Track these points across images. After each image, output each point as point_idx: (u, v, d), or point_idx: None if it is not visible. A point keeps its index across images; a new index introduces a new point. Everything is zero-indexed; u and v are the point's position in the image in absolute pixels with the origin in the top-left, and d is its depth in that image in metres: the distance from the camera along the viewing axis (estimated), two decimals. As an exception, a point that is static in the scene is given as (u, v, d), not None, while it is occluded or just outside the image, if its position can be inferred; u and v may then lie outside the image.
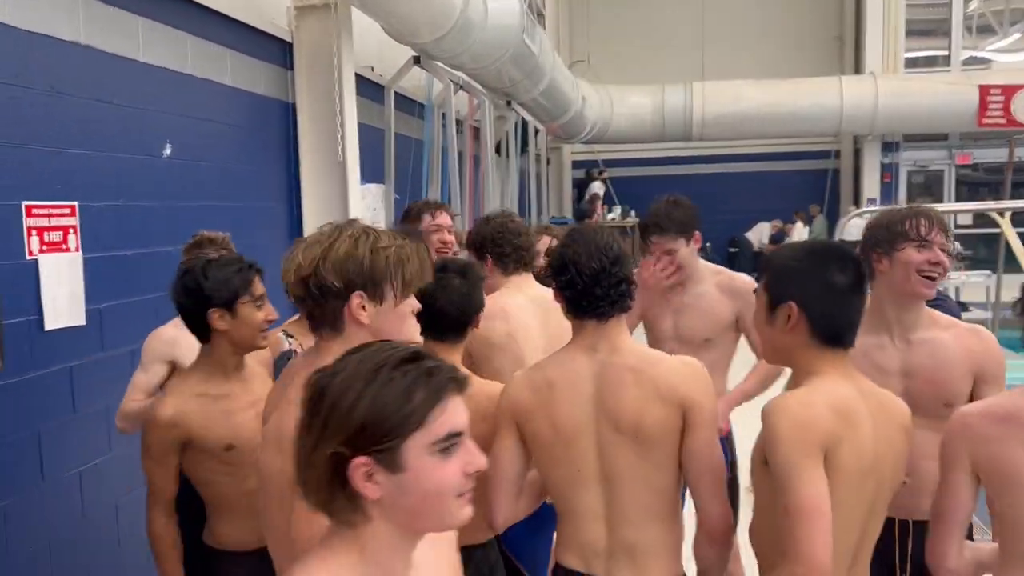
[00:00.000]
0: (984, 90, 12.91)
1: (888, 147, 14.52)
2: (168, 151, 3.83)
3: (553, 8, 15.33)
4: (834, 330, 1.72)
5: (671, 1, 16.04)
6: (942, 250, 2.19)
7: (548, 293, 2.10)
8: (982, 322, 6.29)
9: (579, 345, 1.93)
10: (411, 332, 1.60)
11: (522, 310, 2.62)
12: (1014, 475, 1.67)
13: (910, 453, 1.84)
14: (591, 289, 1.86)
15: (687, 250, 2.93)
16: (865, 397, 1.73)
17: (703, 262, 3.09)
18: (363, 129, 5.53)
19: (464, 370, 1.30)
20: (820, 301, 1.72)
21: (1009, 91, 12.83)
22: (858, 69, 14.74)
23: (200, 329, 2.19)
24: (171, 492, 2.22)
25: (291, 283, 1.54)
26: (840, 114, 13.29)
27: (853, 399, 1.70)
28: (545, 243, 3.25)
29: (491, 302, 2.37)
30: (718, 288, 3.01)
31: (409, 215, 3.33)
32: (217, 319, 2.14)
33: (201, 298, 2.13)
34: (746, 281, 2.96)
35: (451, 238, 3.28)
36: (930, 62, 14.80)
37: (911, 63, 14.55)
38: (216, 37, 4.26)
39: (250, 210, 4.64)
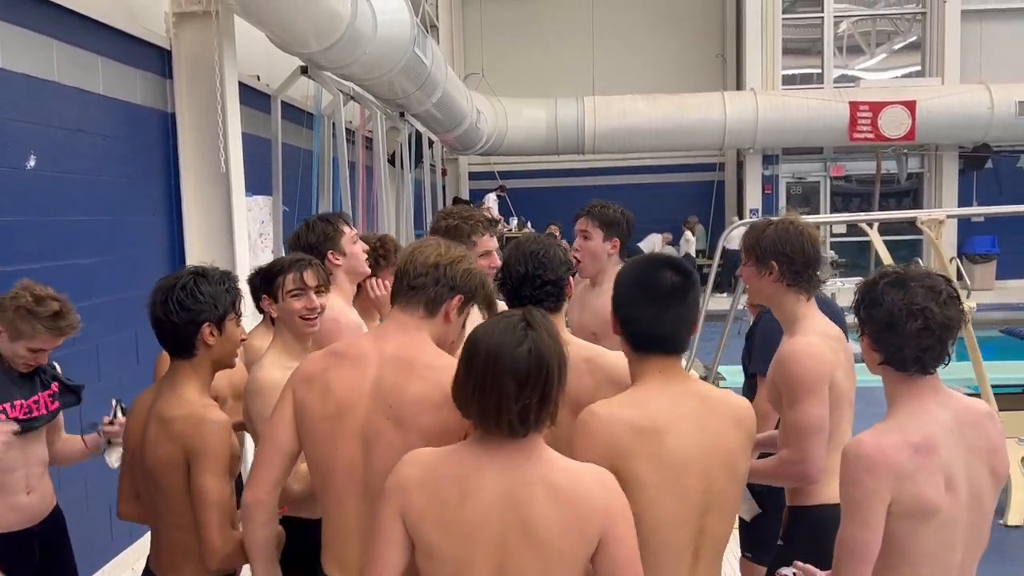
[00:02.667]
0: (854, 106, 13.73)
1: (768, 160, 15.24)
2: (33, 162, 3.61)
3: (447, 21, 15.36)
4: (639, 337, 1.78)
5: (562, 17, 16.37)
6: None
7: None
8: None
9: None
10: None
11: None
12: (928, 505, 1.69)
13: None
14: (519, 290, 2.08)
15: (600, 245, 3.09)
16: (685, 402, 1.75)
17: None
18: (249, 140, 5.37)
19: None
20: (626, 309, 1.80)
21: (876, 107, 13.69)
22: (739, 86, 15.42)
23: (186, 345, 2.13)
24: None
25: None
26: (724, 128, 13.87)
27: (662, 409, 1.72)
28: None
29: None
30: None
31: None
32: (208, 335, 2.11)
33: (195, 313, 2.09)
34: None
35: None
36: (805, 79, 15.64)
37: (788, 80, 15.34)
38: (86, 43, 4.05)
39: (127, 225, 4.43)
